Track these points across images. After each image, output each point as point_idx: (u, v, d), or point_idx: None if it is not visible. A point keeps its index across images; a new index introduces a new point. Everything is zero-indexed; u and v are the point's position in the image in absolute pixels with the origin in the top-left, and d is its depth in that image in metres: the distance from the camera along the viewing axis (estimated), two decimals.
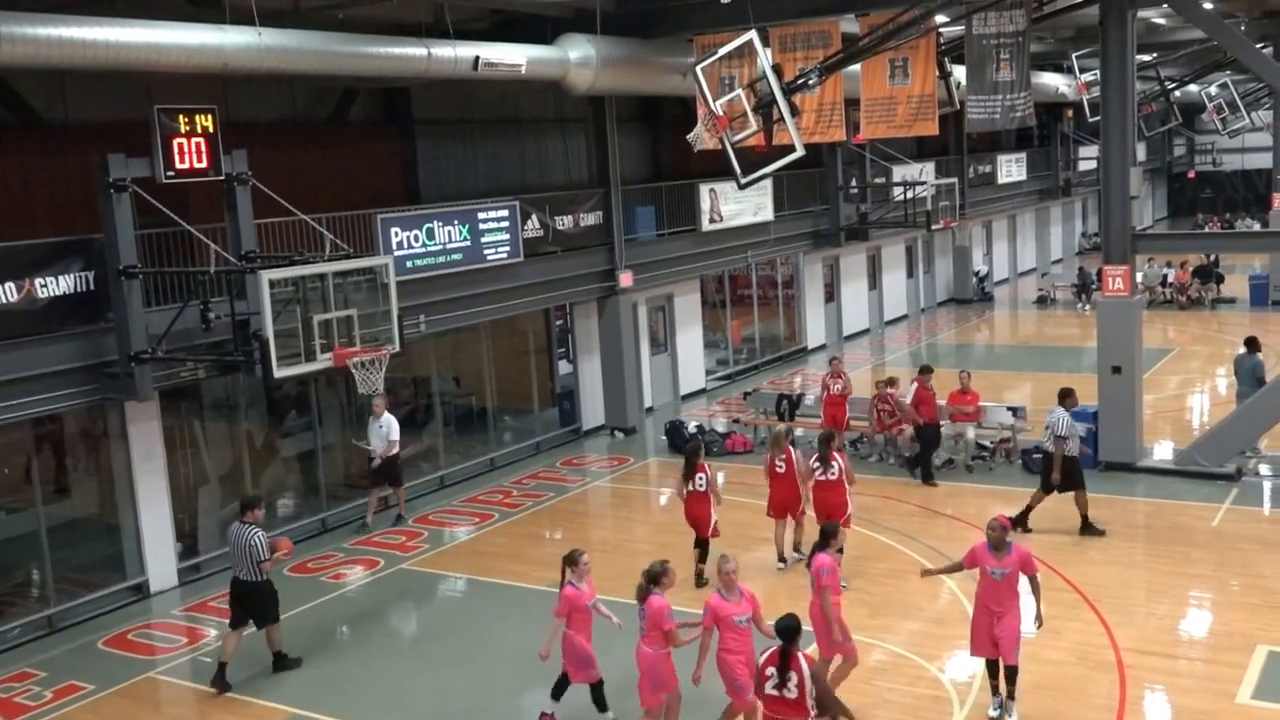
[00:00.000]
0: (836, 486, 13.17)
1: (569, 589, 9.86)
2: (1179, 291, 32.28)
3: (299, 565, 15.01)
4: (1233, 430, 16.45)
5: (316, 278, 12.27)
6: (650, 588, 9.38)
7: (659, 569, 9.45)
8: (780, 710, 8.19)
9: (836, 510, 13.02)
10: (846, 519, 13.04)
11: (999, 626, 9.56)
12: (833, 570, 9.75)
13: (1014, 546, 9.65)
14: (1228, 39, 18.21)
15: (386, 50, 14.87)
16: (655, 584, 9.40)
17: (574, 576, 9.92)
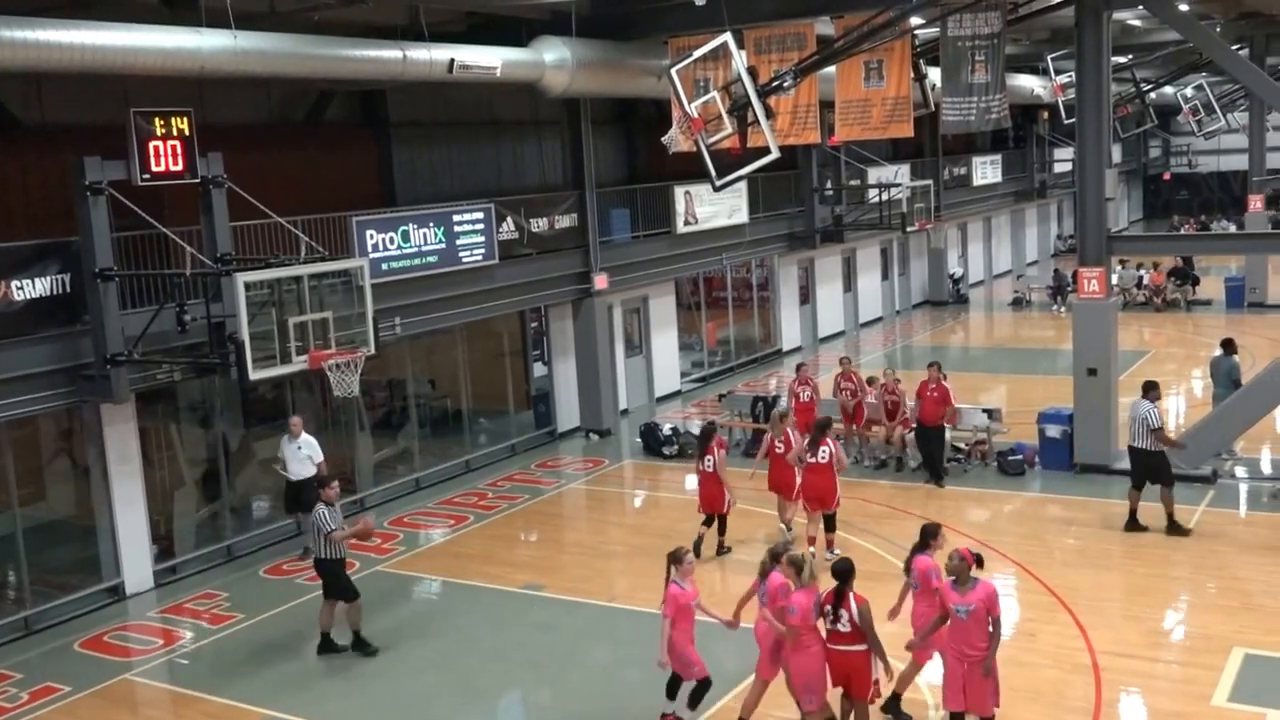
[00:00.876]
0: (826, 470, 13.68)
1: (674, 588, 9.68)
2: (1154, 293, 32.51)
3: (273, 567, 14.94)
4: (1209, 432, 16.55)
5: (292, 280, 12.21)
6: (773, 564, 9.62)
7: (781, 548, 9.71)
8: (836, 640, 9.23)
9: (827, 494, 13.69)
10: (836, 502, 13.76)
11: (970, 675, 8.92)
12: (940, 572, 9.44)
13: (979, 582, 8.93)
14: (1203, 41, 18.35)
15: (362, 53, 14.82)
16: (777, 561, 9.61)
17: (678, 575, 9.73)
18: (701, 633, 9.84)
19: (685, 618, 9.69)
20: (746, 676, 10.01)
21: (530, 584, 13.82)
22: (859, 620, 9.03)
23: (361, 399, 16.74)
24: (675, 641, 9.67)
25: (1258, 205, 31.17)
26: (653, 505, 17.62)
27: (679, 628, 9.67)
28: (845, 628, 9.09)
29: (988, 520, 15.31)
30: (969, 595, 8.89)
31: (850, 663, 9.14)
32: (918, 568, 9.64)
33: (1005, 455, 17.25)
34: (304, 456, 14.72)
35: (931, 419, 16.66)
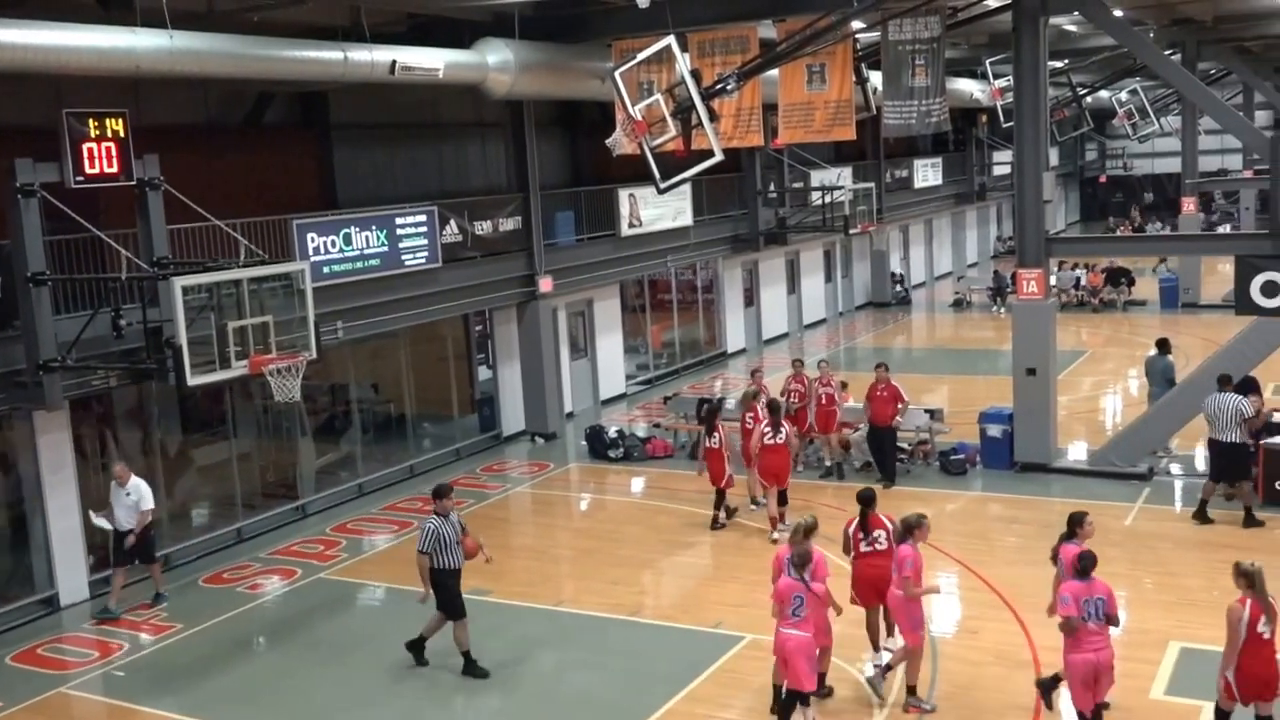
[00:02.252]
0: (782, 450, 14.95)
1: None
2: (1091, 294, 33.07)
3: (213, 575, 14.71)
4: (1145, 430, 16.87)
5: (231, 284, 12.03)
6: (906, 535, 10.01)
7: (915, 520, 10.07)
8: (875, 560, 10.53)
9: (783, 470, 14.93)
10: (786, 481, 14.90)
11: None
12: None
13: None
14: (1137, 46, 18.71)
15: (302, 54, 14.65)
16: (910, 534, 9.99)
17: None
18: None
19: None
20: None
21: (476, 589, 13.66)
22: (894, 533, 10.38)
23: (303, 404, 16.57)
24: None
25: (1191, 207, 31.82)
26: (599, 508, 17.59)
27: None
28: (882, 545, 10.53)
29: (931, 519, 15.38)
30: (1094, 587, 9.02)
31: (884, 576, 10.36)
32: (1065, 556, 9.68)
33: (947, 455, 17.44)
34: (131, 504, 13.34)
35: (883, 419, 16.70)
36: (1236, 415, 14.25)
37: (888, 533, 10.54)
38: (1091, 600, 8.96)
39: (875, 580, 10.50)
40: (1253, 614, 8.32)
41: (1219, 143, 45.08)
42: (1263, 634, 8.32)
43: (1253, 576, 8.42)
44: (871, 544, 10.65)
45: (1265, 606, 8.35)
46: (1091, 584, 9.00)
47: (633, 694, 10.71)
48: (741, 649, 11.50)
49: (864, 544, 10.68)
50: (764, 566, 13.88)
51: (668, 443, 19.50)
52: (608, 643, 12.02)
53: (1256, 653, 8.37)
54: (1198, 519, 14.51)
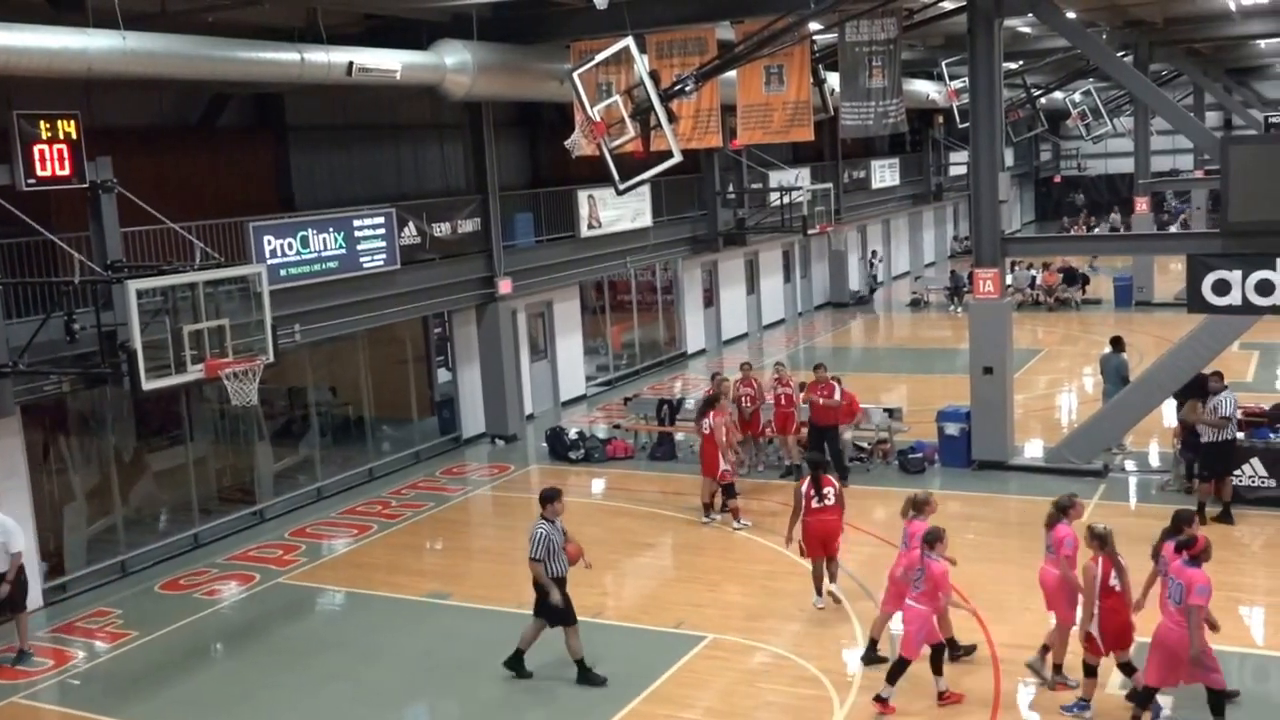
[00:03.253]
0: (708, 440, 15.37)
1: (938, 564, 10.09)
2: (1047, 293, 33.45)
3: (170, 582, 14.54)
4: (1100, 427, 17.08)
5: (186, 287, 11.93)
6: (1060, 516, 10.24)
7: (1067, 501, 10.41)
8: (824, 515, 12.07)
9: (710, 462, 15.37)
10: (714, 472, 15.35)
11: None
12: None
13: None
14: (1090, 47, 18.95)
15: (257, 55, 14.52)
16: (1064, 514, 10.28)
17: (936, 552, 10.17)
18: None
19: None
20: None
21: (436, 593, 13.68)
22: (841, 491, 12.26)
23: (260, 408, 16.41)
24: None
25: (1143, 207, 32.26)
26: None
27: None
28: (830, 501, 12.06)
29: (890, 517, 15.49)
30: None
31: (831, 529, 12.13)
32: (1167, 553, 9.71)
33: (906, 454, 17.58)
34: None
35: (825, 420, 16.69)
36: (1213, 412, 14.47)
37: (836, 490, 12.19)
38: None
39: (823, 533, 12.15)
40: (1104, 570, 9.38)
41: (1171, 143, 45.76)
42: (1114, 586, 9.38)
43: (1104, 538, 9.47)
44: (822, 501, 12.10)
45: (1116, 564, 9.39)
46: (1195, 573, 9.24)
47: (595, 696, 10.71)
48: (703, 649, 11.53)
49: (815, 501, 12.09)
50: (725, 566, 14.02)
51: (628, 444, 19.52)
52: None
53: (1111, 605, 9.42)
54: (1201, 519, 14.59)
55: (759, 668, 11.14)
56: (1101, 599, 9.43)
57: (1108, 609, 9.45)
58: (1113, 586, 9.40)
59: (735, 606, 12.73)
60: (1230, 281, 15.29)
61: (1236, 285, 15.26)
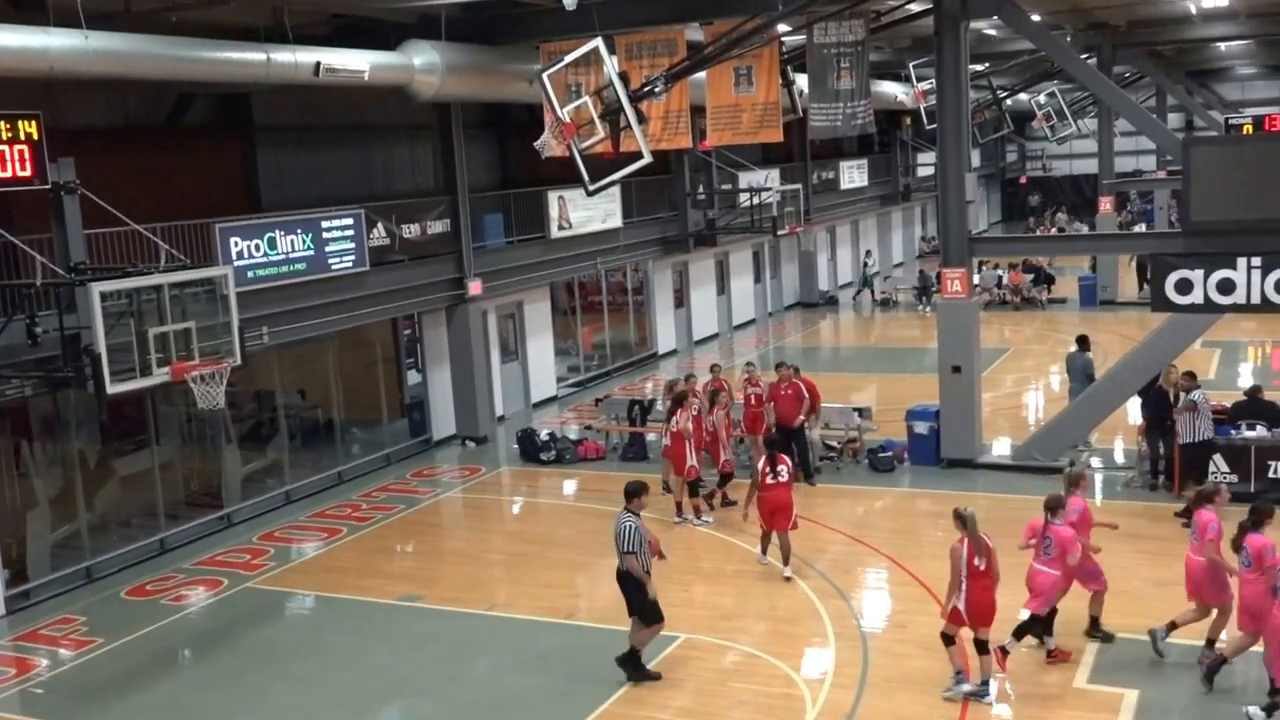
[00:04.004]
0: (676, 437, 15.60)
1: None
2: (1013, 293, 33.71)
3: (136, 588, 14.39)
4: (1066, 425, 17.23)
5: (152, 289, 11.82)
6: (1202, 503, 10.41)
7: (1213, 488, 10.73)
8: (777, 490, 13.13)
9: (678, 459, 15.60)
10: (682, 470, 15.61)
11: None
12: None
13: None
14: (1054, 50, 19.12)
15: (223, 55, 14.41)
16: (1209, 501, 10.44)
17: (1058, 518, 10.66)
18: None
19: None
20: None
21: (408, 595, 13.61)
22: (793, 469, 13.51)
23: (228, 411, 16.28)
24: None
25: (1107, 207, 32.57)
26: (531, 511, 17.53)
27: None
28: (784, 478, 13.14)
29: (860, 516, 15.66)
30: None
31: (784, 502, 13.13)
32: (1251, 546, 9.82)
33: (876, 452, 17.66)
34: None
35: (789, 419, 16.72)
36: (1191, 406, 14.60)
37: (788, 468, 13.31)
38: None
39: (774, 505, 13.19)
40: (969, 551, 9.94)
41: (1134, 144, 46.23)
42: (978, 566, 9.95)
43: (967, 520, 10.02)
44: (775, 477, 13.15)
45: (979, 545, 9.94)
46: None
47: (568, 697, 10.69)
48: (675, 649, 11.53)
49: (769, 477, 13.14)
50: (697, 566, 14.04)
51: (600, 445, 19.50)
52: (542, 646, 11.98)
53: (976, 583, 9.97)
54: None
55: (731, 667, 11.15)
56: (968, 578, 9.94)
57: (975, 587, 9.97)
58: (977, 566, 9.93)
59: (708, 606, 12.75)
60: (1193, 280, 15.45)
61: (1199, 284, 15.43)
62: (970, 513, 10.12)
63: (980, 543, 9.96)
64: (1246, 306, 15.46)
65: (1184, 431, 14.65)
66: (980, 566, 9.97)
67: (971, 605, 10.03)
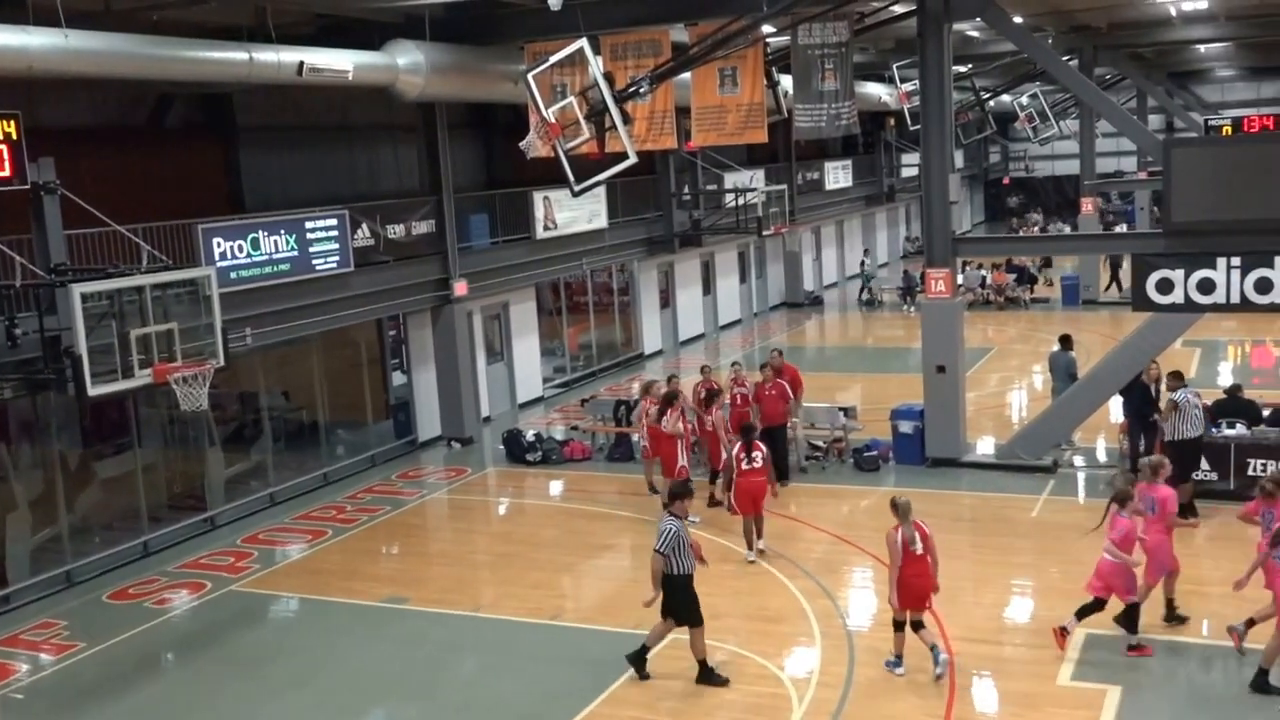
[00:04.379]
0: (668, 439, 15.63)
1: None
2: (997, 292, 33.84)
3: (119, 591, 14.29)
4: (1049, 424, 17.30)
5: (133, 291, 11.77)
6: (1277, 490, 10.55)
7: (1271, 483, 10.70)
8: (752, 476, 13.74)
9: (669, 459, 15.71)
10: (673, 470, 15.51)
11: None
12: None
13: None
14: (1036, 51, 19.20)
15: (204, 54, 14.35)
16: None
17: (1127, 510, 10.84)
18: None
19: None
20: None
21: (393, 597, 13.57)
22: (768, 455, 13.99)
23: (211, 413, 16.21)
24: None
25: (1089, 208, 32.73)
26: (518, 512, 17.50)
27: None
28: (758, 464, 13.71)
29: (846, 515, 15.69)
30: None
31: (758, 489, 13.75)
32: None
33: (861, 451, 17.70)
34: None
35: (773, 418, 16.67)
36: (1200, 412, 14.60)
37: (763, 455, 13.83)
38: None
39: (751, 492, 13.74)
40: (904, 538, 10.39)
41: (1115, 145, 46.52)
42: (915, 550, 10.38)
43: (901, 508, 10.54)
44: (751, 463, 13.73)
45: (912, 532, 10.43)
46: None
47: (553, 698, 10.68)
48: (662, 649, 11.51)
49: (745, 464, 13.72)
50: None
51: (586, 445, 19.48)
52: (528, 647, 11.96)
53: (913, 567, 10.42)
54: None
55: (718, 666, 11.14)
56: (904, 564, 10.38)
57: (909, 573, 10.40)
58: (914, 550, 10.42)
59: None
60: (1173, 280, 15.54)
61: (1179, 284, 15.52)
62: (904, 502, 10.62)
63: (914, 530, 10.44)
64: (1226, 306, 15.56)
65: (1168, 431, 14.71)
66: (917, 551, 10.43)
67: (907, 586, 10.44)
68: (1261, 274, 15.08)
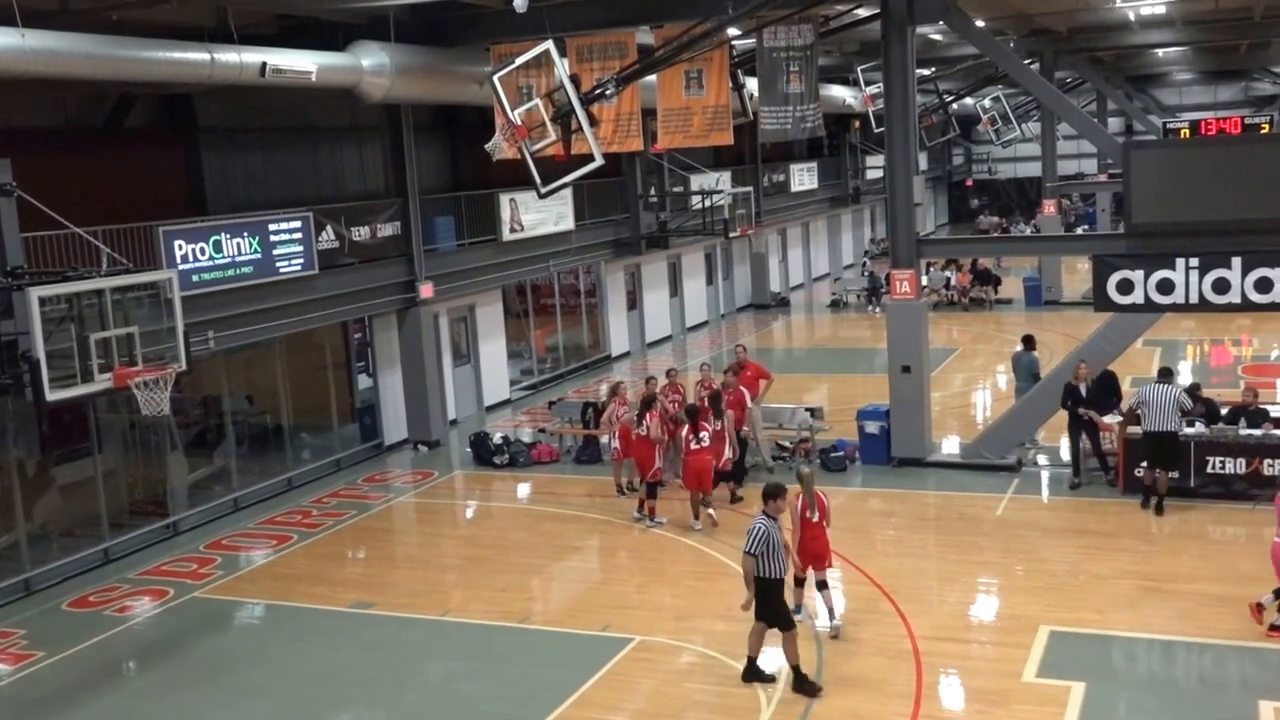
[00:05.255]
0: (644, 441, 15.83)
1: None
2: (961, 293, 34.09)
3: (79, 599, 14.09)
4: (1012, 424, 17.43)
5: (93, 294, 11.58)
6: None
7: None
8: (701, 453, 14.80)
9: (646, 461, 15.76)
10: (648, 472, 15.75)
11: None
12: None
13: None
14: (998, 55, 19.34)
15: (165, 55, 14.18)
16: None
17: None
18: None
19: None
20: None
21: (359, 602, 13.47)
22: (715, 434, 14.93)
23: (173, 418, 16.03)
24: None
25: (1051, 209, 33.04)
26: (485, 515, 17.43)
27: None
28: (706, 443, 14.74)
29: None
30: None
31: (704, 465, 14.78)
32: None
33: (828, 452, 17.77)
34: None
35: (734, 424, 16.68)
36: (1177, 405, 14.72)
37: (710, 433, 14.83)
38: None
39: (698, 469, 14.74)
40: (803, 505, 11.43)
41: (1076, 148, 47.05)
42: (810, 518, 11.50)
43: (804, 479, 11.60)
44: (699, 442, 14.75)
45: (811, 500, 11.44)
46: None
47: (522, 702, 10.63)
48: (630, 651, 11.51)
49: (694, 443, 14.75)
50: (650, 568, 14.05)
51: (553, 448, 19.43)
52: (496, 651, 11.91)
53: (808, 532, 11.52)
54: (1148, 508, 14.85)
55: (686, 668, 11.15)
56: (802, 528, 11.48)
57: (807, 536, 11.52)
58: (810, 518, 11.47)
59: (662, 608, 12.75)
60: (1133, 281, 15.71)
61: (1139, 284, 15.70)
62: (807, 474, 11.74)
63: (814, 498, 11.46)
64: (1185, 306, 15.77)
65: (1144, 423, 14.79)
66: (813, 518, 11.49)
67: (805, 550, 11.53)
68: (1219, 274, 15.29)
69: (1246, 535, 13.89)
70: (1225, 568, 12.85)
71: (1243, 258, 15.20)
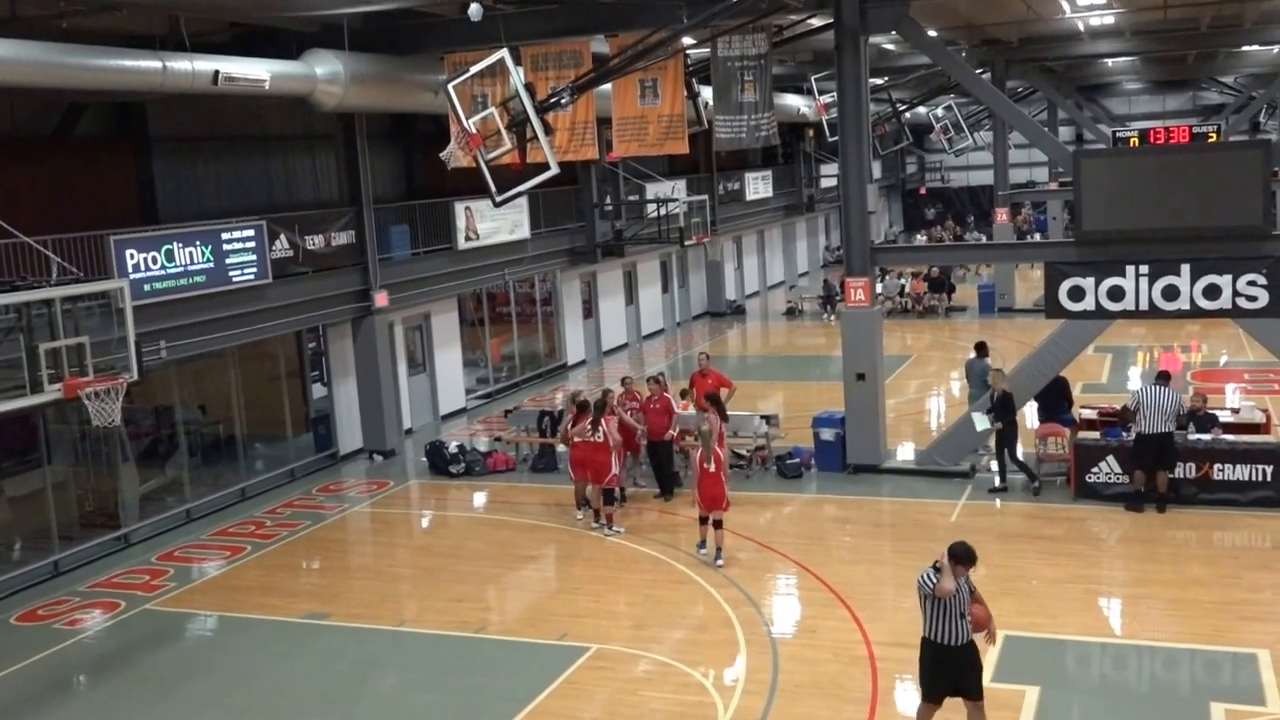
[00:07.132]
0: (601, 447, 15.56)
1: None
2: (915, 301, 34.41)
3: (28, 613, 13.86)
4: (966, 431, 17.60)
5: (42, 304, 11.43)
6: None
7: None
8: (590, 448, 15.36)
9: (602, 467, 15.61)
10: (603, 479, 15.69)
11: None
12: None
13: None
14: (950, 65, 19.62)
15: (116, 63, 14.01)
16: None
17: None
18: None
19: None
20: None
21: (313, 613, 13.36)
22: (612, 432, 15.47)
23: (124, 428, 15.82)
24: None
25: (1003, 217, 33.46)
26: (441, 525, 17.36)
27: None
28: (600, 438, 15.27)
29: (769, 522, 15.81)
30: None
31: (597, 458, 15.27)
32: None
33: (783, 459, 17.86)
34: None
35: (657, 433, 16.78)
36: (1175, 408, 14.93)
37: (604, 429, 15.31)
38: None
39: (583, 460, 15.47)
40: (701, 458, 13.84)
41: (1028, 156, 47.69)
42: (708, 468, 13.68)
43: (702, 435, 13.80)
44: (595, 436, 15.32)
45: (709, 453, 13.68)
46: None
47: (477, 712, 10.60)
48: (587, 660, 11.51)
49: (592, 435, 15.34)
50: (607, 576, 14.06)
51: (509, 456, 19.39)
52: (452, 661, 11.86)
53: (706, 479, 13.74)
54: (1132, 509, 15.02)
55: (643, 676, 11.17)
56: (701, 477, 13.75)
57: (704, 483, 13.69)
58: (707, 469, 13.60)
59: (619, 616, 12.76)
60: (1084, 288, 15.97)
61: (1090, 291, 15.95)
62: (705, 430, 13.74)
63: (711, 454, 13.58)
64: (1136, 312, 16.03)
65: (1137, 424, 14.97)
66: (710, 469, 13.62)
67: (703, 495, 13.73)
68: (1168, 281, 15.58)
69: (1197, 539, 14.15)
70: (1177, 571, 13.07)
71: (1191, 265, 15.50)
